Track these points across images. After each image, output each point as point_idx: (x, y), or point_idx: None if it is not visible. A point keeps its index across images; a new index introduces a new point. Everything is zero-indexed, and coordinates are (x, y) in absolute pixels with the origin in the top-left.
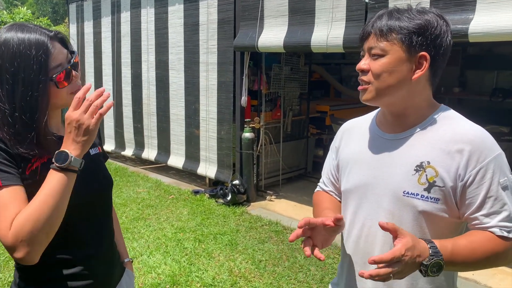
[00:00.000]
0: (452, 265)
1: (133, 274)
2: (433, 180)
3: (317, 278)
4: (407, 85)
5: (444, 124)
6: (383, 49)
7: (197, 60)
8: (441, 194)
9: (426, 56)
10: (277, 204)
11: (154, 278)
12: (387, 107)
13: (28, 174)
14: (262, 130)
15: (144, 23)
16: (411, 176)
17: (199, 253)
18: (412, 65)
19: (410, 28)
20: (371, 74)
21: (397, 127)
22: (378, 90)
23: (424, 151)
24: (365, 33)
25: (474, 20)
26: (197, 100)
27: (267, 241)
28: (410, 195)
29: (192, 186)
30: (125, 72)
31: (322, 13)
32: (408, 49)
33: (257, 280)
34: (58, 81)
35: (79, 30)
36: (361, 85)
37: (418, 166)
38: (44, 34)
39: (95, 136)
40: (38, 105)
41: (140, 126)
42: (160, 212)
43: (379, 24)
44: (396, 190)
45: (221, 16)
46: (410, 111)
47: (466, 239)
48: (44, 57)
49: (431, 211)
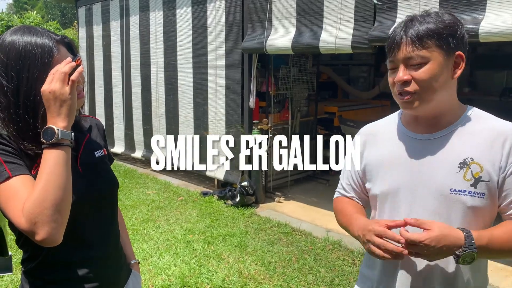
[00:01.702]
0: (487, 254)
1: (140, 276)
2: (479, 175)
3: (327, 280)
4: (449, 86)
5: (479, 121)
6: (423, 57)
7: (205, 63)
8: (487, 189)
9: (462, 56)
10: (286, 205)
11: (164, 279)
12: (428, 112)
13: (34, 174)
14: (270, 131)
15: (153, 26)
16: (455, 173)
17: (208, 254)
18: (451, 66)
19: (444, 32)
20: (416, 84)
21: (431, 127)
22: (426, 97)
23: (465, 148)
24: (394, 44)
25: (484, 20)
26: (205, 102)
27: (276, 243)
28: (458, 192)
29: (201, 187)
30: (134, 75)
31: (330, 14)
32: (446, 52)
33: (266, 282)
34: None
35: (88, 34)
36: (403, 96)
37: (462, 163)
38: (50, 37)
39: (75, 105)
40: (41, 103)
41: (149, 128)
42: (169, 213)
43: (411, 33)
44: (442, 188)
45: (229, 18)
46: (446, 111)
47: (503, 229)
48: (48, 58)
49: (479, 206)
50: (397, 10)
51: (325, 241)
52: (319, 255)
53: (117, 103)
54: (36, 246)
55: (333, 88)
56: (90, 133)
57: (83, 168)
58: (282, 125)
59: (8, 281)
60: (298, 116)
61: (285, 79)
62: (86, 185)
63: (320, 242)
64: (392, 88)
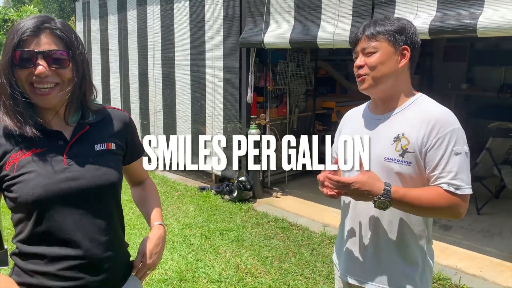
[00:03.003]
0: (400, 205)
1: (140, 283)
2: (406, 147)
3: (324, 275)
4: (395, 73)
5: (417, 106)
6: (374, 47)
7: (203, 57)
8: (413, 158)
9: (407, 49)
10: (283, 200)
11: (161, 274)
12: (379, 94)
13: (7, 169)
14: (268, 126)
15: (150, 20)
16: (390, 145)
17: (205, 249)
18: (397, 57)
19: (392, 30)
20: (367, 67)
21: (384, 109)
22: (374, 79)
23: (400, 126)
24: (356, 38)
25: (482, 15)
26: (203, 97)
27: (274, 238)
28: (389, 160)
29: (198, 182)
30: (132, 69)
31: (328, 8)
32: (393, 44)
33: (263, 276)
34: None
35: (86, 28)
36: (359, 77)
37: (395, 137)
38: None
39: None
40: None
41: (147, 123)
42: (166, 208)
43: (368, 31)
44: (380, 157)
45: (227, 13)
46: (395, 97)
47: (419, 190)
48: (18, 39)
49: (406, 173)
50: (395, 4)
51: (322, 235)
52: (316, 250)
53: (114, 98)
54: (21, 240)
55: (331, 84)
56: (96, 126)
57: (70, 160)
58: (280, 120)
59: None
60: (296, 111)
61: (283, 74)
62: (66, 179)
63: (317, 236)
64: (354, 73)
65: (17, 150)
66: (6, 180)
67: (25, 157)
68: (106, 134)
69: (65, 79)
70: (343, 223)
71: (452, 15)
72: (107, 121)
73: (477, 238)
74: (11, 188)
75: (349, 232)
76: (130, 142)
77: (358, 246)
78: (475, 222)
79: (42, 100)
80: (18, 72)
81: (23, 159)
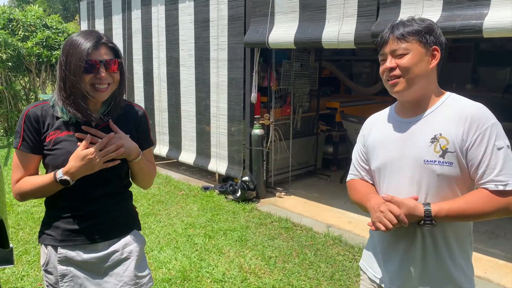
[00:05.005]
0: (448, 221)
1: (143, 238)
2: (446, 147)
3: (327, 275)
4: (427, 74)
5: (449, 104)
6: (406, 48)
7: (207, 57)
8: (454, 158)
9: (437, 49)
10: (287, 200)
11: (165, 273)
12: (412, 96)
13: (47, 141)
14: (271, 126)
15: (155, 20)
16: (428, 147)
17: (209, 249)
18: (428, 57)
19: (423, 30)
20: (400, 69)
21: (414, 111)
22: (408, 81)
23: (436, 126)
24: (383, 40)
25: (488, 16)
26: (207, 96)
27: (277, 238)
28: (429, 162)
29: (202, 182)
30: (136, 69)
31: (333, 8)
32: (425, 45)
33: (267, 276)
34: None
35: (90, 27)
36: (391, 80)
37: (433, 138)
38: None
39: None
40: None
41: (152, 123)
42: (170, 208)
43: (397, 32)
44: (418, 160)
45: (231, 13)
46: (426, 98)
47: (463, 201)
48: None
49: (448, 173)
50: (400, 4)
51: (325, 236)
52: (320, 250)
53: None
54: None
55: (335, 84)
56: (117, 118)
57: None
58: (284, 120)
59: (10, 273)
60: (300, 111)
61: (287, 74)
62: None
63: (321, 237)
64: (382, 76)
65: (55, 129)
66: (45, 150)
67: (60, 136)
68: (124, 126)
69: (115, 80)
70: (381, 232)
71: (458, 15)
72: (127, 115)
73: (482, 239)
74: (46, 157)
75: (391, 240)
76: (142, 133)
77: (406, 254)
78: (480, 223)
79: (100, 95)
80: (84, 75)
81: (59, 137)
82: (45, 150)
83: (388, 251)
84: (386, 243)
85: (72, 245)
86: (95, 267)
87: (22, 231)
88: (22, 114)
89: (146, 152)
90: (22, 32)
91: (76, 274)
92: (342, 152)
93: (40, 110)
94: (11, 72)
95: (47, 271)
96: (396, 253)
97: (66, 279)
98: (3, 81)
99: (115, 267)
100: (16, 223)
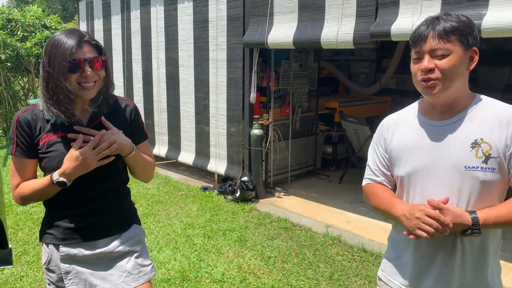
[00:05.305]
0: (492, 228)
1: (142, 230)
2: (489, 153)
3: (326, 275)
4: (463, 77)
5: (487, 106)
6: (448, 49)
7: (206, 57)
8: (497, 164)
9: (476, 51)
10: (286, 201)
11: (164, 273)
12: (447, 99)
13: (40, 145)
14: (270, 126)
15: (154, 20)
16: (468, 152)
17: (208, 249)
18: (467, 60)
19: (465, 30)
20: (439, 71)
21: (446, 114)
22: (446, 83)
23: (476, 130)
24: (421, 36)
25: (487, 16)
26: (206, 96)
27: (276, 238)
28: (472, 169)
29: (201, 182)
30: (135, 69)
31: (332, 9)
32: (466, 47)
33: (266, 276)
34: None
35: (89, 28)
36: (427, 82)
37: (473, 143)
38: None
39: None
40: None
41: (151, 123)
42: (169, 208)
43: (438, 29)
44: (458, 166)
45: (231, 13)
46: (459, 99)
47: (508, 206)
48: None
49: (491, 180)
50: (399, 5)
51: (324, 236)
52: (319, 250)
53: None
54: (48, 200)
55: (334, 84)
56: (108, 115)
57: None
58: (283, 120)
59: (8, 274)
60: (299, 111)
61: (286, 74)
62: None
63: (320, 237)
64: (414, 76)
65: (47, 131)
66: (40, 153)
67: (53, 138)
68: (117, 121)
69: (101, 77)
70: (414, 243)
71: None
72: (117, 111)
73: None
74: (42, 160)
75: (428, 252)
76: (135, 127)
77: (444, 266)
78: None
79: (87, 94)
80: (70, 75)
81: (51, 139)
82: (40, 154)
83: (424, 263)
84: (420, 254)
85: (74, 243)
86: (98, 262)
87: (21, 232)
88: (13, 120)
89: (142, 146)
90: (21, 32)
91: (79, 270)
92: (341, 152)
93: (30, 114)
94: (10, 73)
95: (49, 269)
96: (433, 265)
97: (71, 276)
98: (2, 81)
99: (118, 260)
100: (15, 224)
